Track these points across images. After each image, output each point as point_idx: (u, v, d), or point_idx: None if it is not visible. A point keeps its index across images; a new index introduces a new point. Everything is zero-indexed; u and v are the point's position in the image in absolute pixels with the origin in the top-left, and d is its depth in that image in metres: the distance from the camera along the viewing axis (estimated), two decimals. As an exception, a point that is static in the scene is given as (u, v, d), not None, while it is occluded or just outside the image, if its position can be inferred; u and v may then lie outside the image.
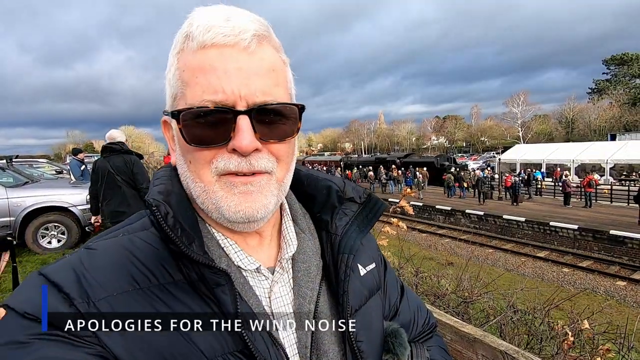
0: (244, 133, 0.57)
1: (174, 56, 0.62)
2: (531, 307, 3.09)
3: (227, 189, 0.60)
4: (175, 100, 0.61)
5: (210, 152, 0.59)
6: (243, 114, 0.57)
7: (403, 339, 0.77)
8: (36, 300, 0.52)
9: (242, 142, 0.57)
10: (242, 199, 0.59)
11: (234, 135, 0.57)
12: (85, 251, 0.60)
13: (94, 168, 4.91)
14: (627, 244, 13.47)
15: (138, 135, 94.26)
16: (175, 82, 0.61)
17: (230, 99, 0.57)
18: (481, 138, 75.73)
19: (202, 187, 0.60)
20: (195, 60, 0.58)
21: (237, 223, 0.61)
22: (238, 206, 0.59)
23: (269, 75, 0.60)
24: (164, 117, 0.68)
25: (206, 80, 0.57)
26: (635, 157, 26.46)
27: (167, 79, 0.64)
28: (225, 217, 0.60)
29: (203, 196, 0.61)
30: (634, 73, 61.60)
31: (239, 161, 0.58)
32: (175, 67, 0.61)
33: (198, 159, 0.60)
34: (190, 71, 0.58)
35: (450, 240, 16.13)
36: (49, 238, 7.11)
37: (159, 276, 0.58)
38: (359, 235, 0.75)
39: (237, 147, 0.57)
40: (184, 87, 0.59)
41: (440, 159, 32.62)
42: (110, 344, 0.52)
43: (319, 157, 62.59)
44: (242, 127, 0.57)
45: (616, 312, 7.22)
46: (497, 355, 1.21)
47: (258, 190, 0.60)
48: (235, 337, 0.58)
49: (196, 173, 0.60)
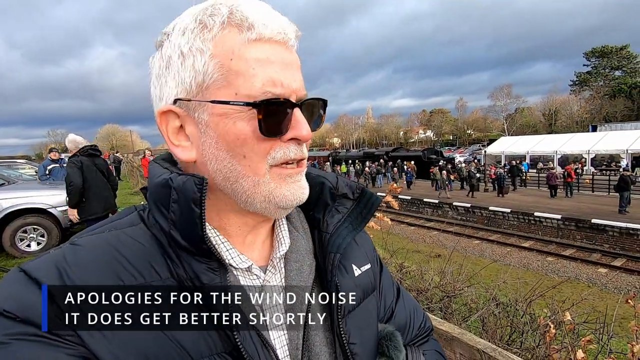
0: (304, 123, 0.61)
1: (205, 41, 0.57)
2: (513, 299, 3.12)
3: (280, 180, 0.61)
4: (211, 88, 0.58)
5: (270, 143, 0.60)
6: (297, 106, 0.61)
7: (398, 342, 0.75)
8: (17, 297, 0.50)
9: (304, 131, 0.60)
10: (298, 187, 0.63)
11: (292, 125, 0.60)
12: (69, 247, 0.58)
13: (79, 166, 5.07)
14: (608, 232, 13.88)
15: (122, 134, 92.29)
16: (212, 69, 0.57)
17: (286, 92, 0.59)
18: (467, 131, 76.72)
19: (255, 180, 0.60)
20: (250, 51, 0.57)
21: (286, 209, 0.64)
22: (295, 194, 0.62)
23: (300, 71, 0.64)
24: (164, 108, 0.61)
25: (265, 72, 0.57)
26: (615, 148, 27.23)
27: (186, 64, 0.58)
28: (278, 205, 0.62)
29: (251, 190, 0.60)
30: (613, 65, 63.10)
31: (297, 149, 0.62)
32: (210, 53, 0.57)
33: (258, 151, 0.59)
34: (244, 61, 0.57)
35: (438, 233, 16.33)
36: (27, 241, 6.88)
37: (145, 274, 0.56)
38: (351, 233, 0.73)
39: (300, 136, 0.60)
40: (231, 76, 0.57)
41: (428, 153, 33.15)
42: (92, 344, 0.50)
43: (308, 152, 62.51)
44: (301, 119, 0.61)
45: (597, 298, 7.42)
46: (474, 353, 1.18)
47: (303, 177, 0.65)
48: (224, 338, 0.56)
49: (251, 167, 0.60)
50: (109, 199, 5.39)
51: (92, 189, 5.14)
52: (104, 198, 5.27)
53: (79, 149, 5.22)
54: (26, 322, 0.49)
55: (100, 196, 5.23)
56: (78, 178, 5.03)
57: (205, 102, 0.58)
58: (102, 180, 5.28)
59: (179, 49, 0.59)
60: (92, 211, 5.17)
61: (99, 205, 5.22)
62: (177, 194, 0.57)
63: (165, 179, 0.59)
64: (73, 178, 5.04)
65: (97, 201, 5.19)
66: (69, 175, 5.03)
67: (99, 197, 5.21)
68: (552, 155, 30.08)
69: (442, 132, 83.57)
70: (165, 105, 0.61)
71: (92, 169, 5.16)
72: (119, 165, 24.74)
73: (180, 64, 0.59)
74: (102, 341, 0.51)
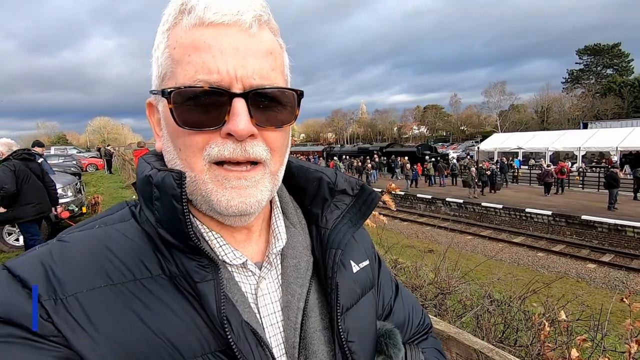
0: (241, 116, 0.53)
1: (164, 33, 0.58)
2: (507, 296, 3.14)
3: (217, 182, 0.56)
4: (164, 80, 0.57)
5: (203, 137, 0.55)
6: (239, 96, 0.54)
7: (397, 340, 0.74)
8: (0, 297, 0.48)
9: (239, 125, 0.53)
10: (235, 194, 0.56)
11: (229, 118, 0.54)
12: (56, 243, 0.56)
13: (12, 170, 5.14)
14: (597, 228, 14.10)
15: (113, 127, 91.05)
16: (165, 61, 0.57)
17: (225, 80, 0.53)
18: (461, 127, 77.15)
19: (192, 176, 0.56)
20: (188, 38, 0.54)
21: (228, 216, 0.59)
22: (230, 201, 0.56)
23: (267, 58, 0.57)
24: (149, 99, 0.64)
25: (200, 59, 0.53)
26: (605, 145, 27.59)
27: (155, 58, 0.60)
28: (215, 210, 0.57)
29: (192, 187, 0.57)
30: (605, 63, 63.83)
31: (234, 147, 0.55)
32: (165, 45, 0.57)
33: (190, 145, 0.55)
34: (182, 49, 0.55)
35: (431, 229, 16.45)
36: (16, 235, 6.79)
37: (135, 271, 0.54)
38: (351, 229, 0.71)
39: (232, 131, 0.54)
40: (174, 66, 0.55)
41: (422, 148, 33.28)
42: (79, 345, 0.48)
43: (302, 147, 62.43)
44: (238, 110, 0.53)
45: (586, 293, 7.56)
46: (471, 353, 1.17)
47: (252, 184, 0.57)
48: (217, 336, 0.54)
49: (186, 161, 0.56)
50: (43, 203, 5.45)
51: (26, 193, 5.19)
52: (37, 202, 5.34)
53: (12, 152, 5.25)
54: (9, 323, 0.47)
55: (33, 200, 5.29)
56: (11, 182, 5.03)
57: (152, 92, 0.61)
58: (37, 184, 5.35)
59: (154, 45, 0.61)
60: (23, 215, 5.25)
61: (32, 209, 5.29)
62: (159, 191, 0.55)
63: (147, 176, 0.58)
64: (6, 182, 5.04)
65: (29, 205, 5.26)
66: (1, 179, 5.04)
67: (32, 201, 5.28)
68: (544, 151, 30.39)
69: (436, 128, 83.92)
70: (149, 98, 0.64)
71: (26, 173, 5.22)
72: (110, 158, 24.40)
73: (153, 59, 0.61)
74: (88, 342, 0.48)
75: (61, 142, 68.06)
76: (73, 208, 5.41)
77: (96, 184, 17.13)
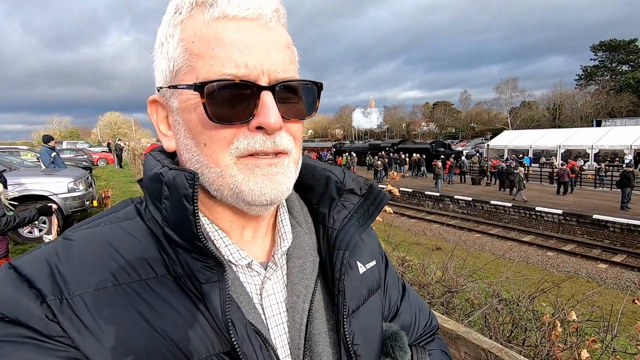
0: (272, 109, 0.53)
1: (175, 26, 0.56)
2: (516, 295, 3.11)
3: (248, 172, 0.55)
4: (179, 74, 0.56)
5: (231, 131, 0.55)
6: (267, 89, 0.54)
7: (403, 342, 0.72)
8: (6, 296, 0.48)
9: (271, 118, 0.53)
10: (267, 181, 0.56)
11: (258, 112, 0.54)
12: (62, 241, 0.55)
13: None
14: (609, 228, 13.85)
15: (124, 121, 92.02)
16: (179, 54, 0.55)
17: (252, 74, 0.53)
18: (470, 124, 76.19)
19: (218, 172, 0.55)
20: (210, 31, 0.53)
21: (258, 206, 0.57)
22: (263, 189, 0.55)
23: (286, 51, 0.57)
24: (152, 96, 0.62)
25: (226, 53, 0.52)
26: (619, 143, 27.01)
27: (163, 52, 0.58)
28: (246, 200, 0.56)
29: (218, 182, 0.56)
30: (620, 59, 62.25)
31: (264, 140, 0.55)
32: (179, 38, 0.55)
33: (217, 140, 0.55)
34: (204, 42, 0.53)
35: (439, 226, 16.33)
36: (29, 227, 6.93)
37: (141, 271, 0.54)
38: (358, 230, 0.70)
39: (264, 124, 0.53)
40: (193, 60, 0.54)
41: (436, 145, 32.35)
42: (84, 346, 0.48)
43: (310, 143, 62.32)
44: (268, 104, 0.53)
45: (596, 294, 7.45)
46: (480, 353, 1.17)
47: (282, 172, 0.57)
48: (222, 338, 0.54)
49: (212, 156, 0.55)
50: None
51: None
52: None
53: None
54: (16, 323, 0.47)
55: None
56: None
57: (168, 88, 0.58)
58: None
59: (160, 38, 0.59)
60: None
61: None
62: (169, 190, 0.55)
63: (157, 174, 0.57)
64: None
65: None
66: None
67: None
68: (555, 149, 29.89)
69: (445, 125, 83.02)
70: (153, 95, 0.62)
71: None
72: (120, 153, 24.75)
73: (160, 53, 0.59)
74: (93, 342, 0.48)
75: (73, 136, 69.00)
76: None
77: (107, 178, 17.40)
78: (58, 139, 32.76)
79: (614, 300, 6.75)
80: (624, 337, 2.96)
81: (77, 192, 7.50)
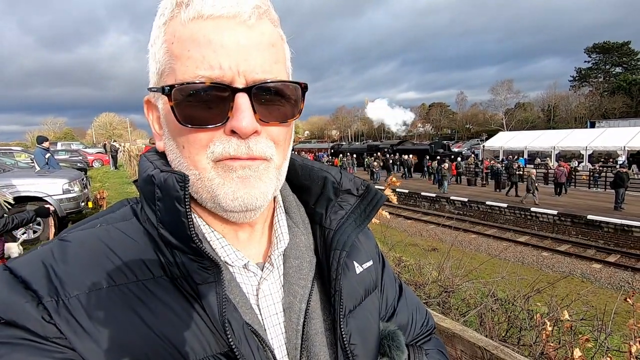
0: (244, 112, 0.52)
1: (160, 27, 0.56)
2: (511, 295, 3.13)
3: (224, 175, 0.55)
4: (163, 76, 0.56)
5: (206, 135, 0.54)
6: (242, 91, 0.52)
7: (400, 342, 0.72)
8: (2, 298, 0.48)
9: (242, 122, 0.52)
10: (240, 185, 0.55)
11: (232, 115, 0.52)
12: (57, 243, 0.55)
13: None
14: (603, 228, 13.97)
15: (119, 122, 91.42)
16: (162, 56, 0.55)
17: (227, 75, 0.52)
18: (466, 125, 76.58)
19: (196, 174, 0.55)
20: (187, 32, 0.53)
21: (234, 212, 0.56)
22: (236, 192, 0.54)
23: (269, 50, 0.55)
24: (147, 96, 0.62)
25: (200, 54, 0.51)
26: (612, 144, 27.28)
27: (152, 54, 0.58)
28: (221, 206, 0.55)
29: (197, 184, 0.56)
30: (614, 62, 62.92)
31: (238, 144, 0.53)
32: (162, 40, 0.55)
33: (193, 143, 0.54)
34: (181, 43, 0.53)
35: (435, 227, 16.38)
36: (23, 229, 6.85)
37: (137, 272, 0.53)
38: (355, 230, 0.70)
39: (235, 128, 0.52)
40: (173, 62, 0.54)
41: (435, 146, 32.09)
42: (81, 347, 0.48)
43: (307, 144, 62.20)
44: (241, 106, 0.52)
45: (591, 294, 7.50)
46: (475, 350, 1.18)
47: (257, 175, 0.56)
48: (219, 338, 0.53)
49: (190, 159, 0.55)
50: None
51: None
52: None
53: None
54: (12, 324, 0.47)
55: None
56: None
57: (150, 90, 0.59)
58: None
59: (150, 40, 0.59)
60: None
61: None
62: (161, 192, 0.55)
63: (149, 175, 0.57)
64: None
65: None
66: None
67: None
68: (549, 150, 30.13)
69: (441, 126, 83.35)
70: (147, 95, 0.62)
71: None
72: (115, 154, 24.59)
73: (152, 53, 0.59)
74: (90, 344, 0.48)
75: (67, 137, 68.46)
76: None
77: (102, 180, 17.27)
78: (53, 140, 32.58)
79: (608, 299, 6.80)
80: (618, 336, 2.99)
81: (72, 194, 7.43)
